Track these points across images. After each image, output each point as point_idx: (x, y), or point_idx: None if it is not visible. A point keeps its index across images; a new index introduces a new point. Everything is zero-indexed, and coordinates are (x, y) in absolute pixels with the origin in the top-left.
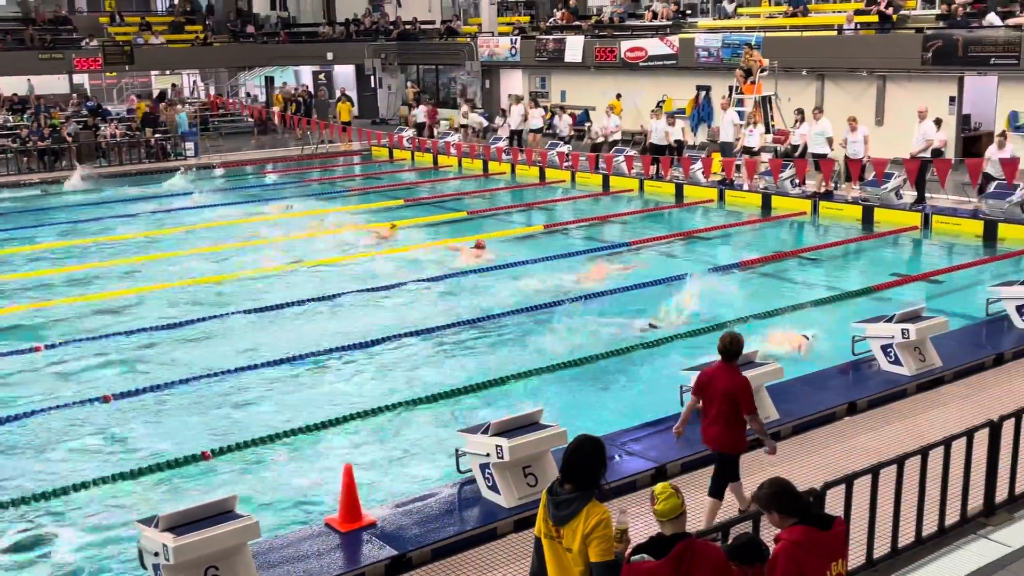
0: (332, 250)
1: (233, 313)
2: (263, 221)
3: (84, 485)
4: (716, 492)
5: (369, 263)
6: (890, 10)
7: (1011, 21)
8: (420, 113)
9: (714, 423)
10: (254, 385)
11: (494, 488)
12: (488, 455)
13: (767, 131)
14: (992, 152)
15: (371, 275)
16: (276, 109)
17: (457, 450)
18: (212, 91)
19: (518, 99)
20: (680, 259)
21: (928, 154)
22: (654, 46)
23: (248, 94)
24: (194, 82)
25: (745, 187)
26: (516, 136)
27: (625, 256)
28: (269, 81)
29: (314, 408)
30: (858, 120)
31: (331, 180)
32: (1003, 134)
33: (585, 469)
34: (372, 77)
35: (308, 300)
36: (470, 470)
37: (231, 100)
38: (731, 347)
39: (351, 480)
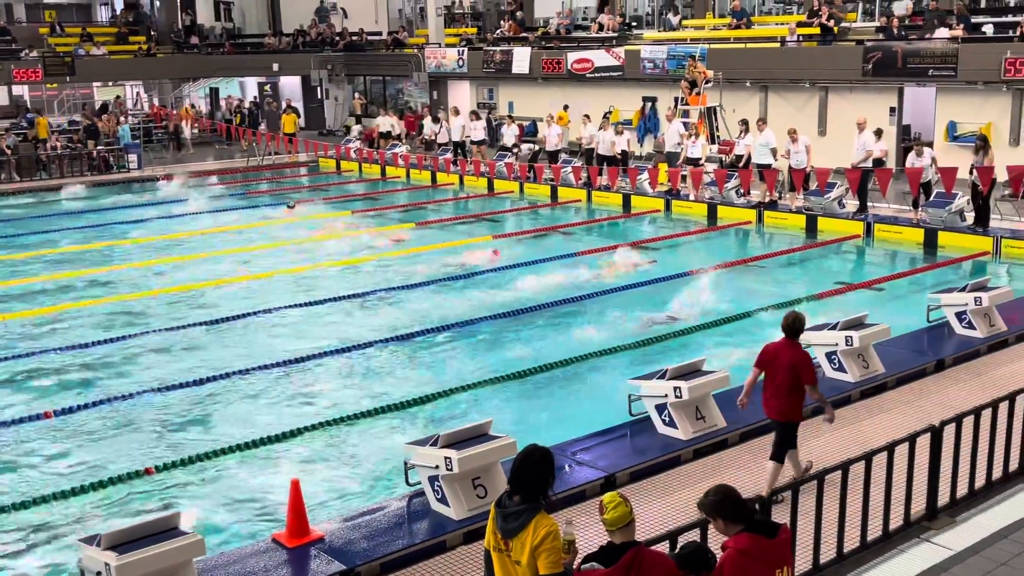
0: (279, 262)
1: (183, 327)
2: (210, 233)
3: (24, 504)
4: (778, 457)
5: (318, 275)
6: (831, 23)
7: (948, 33)
8: (385, 123)
9: (776, 394)
10: (200, 398)
11: (443, 500)
12: (437, 467)
13: (712, 142)
14: (912, 160)
15: (319, 287)
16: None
17: (406, 462)
18: (156, 102)
19: (456, 111)
20: (629, 268)
21: (869, 164)
22: (600, 58)
23: (192, 105)
24: (137, 93)
25: (691, 197)
26: (459, 147)
27: (574, 266)
28: (214, 92)
29: (261, 421)
30: (799, 131)
31: (278, 192)
32: (918, 144)
33: (534, 480)
34: (319, 88)
35: (257, 312)
36: (419, 482)
37: (175, 112)
38: (794, 325)
39: (298, 495)
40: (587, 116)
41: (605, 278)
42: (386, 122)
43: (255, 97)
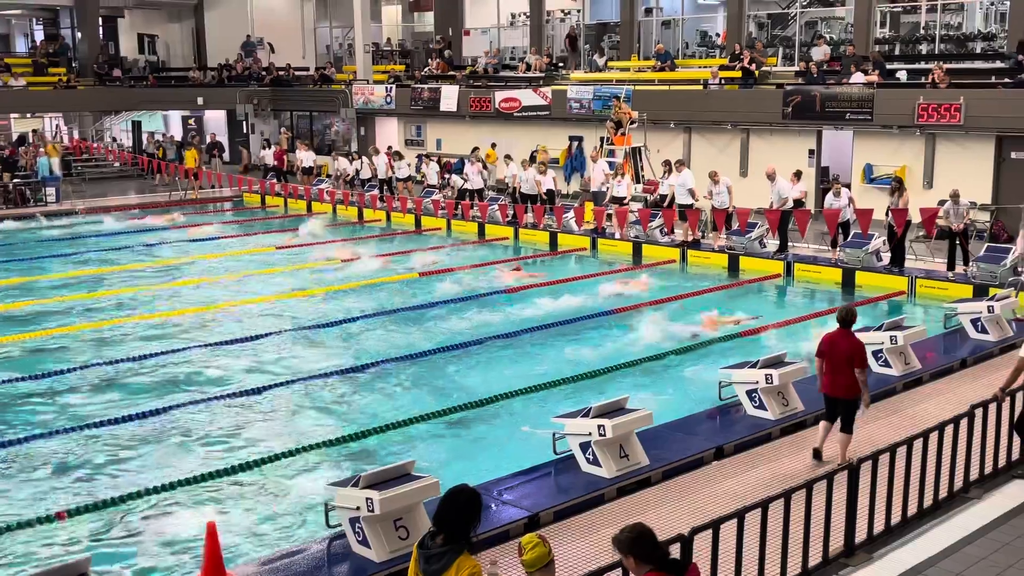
0: (200, 298)
1: (92, 365)
2: (132, 269)
3: None
4: (847, 428)
5: (239, 312)
6: (752, 66)
7: (864, 79)
8: (308, 158)
9: (838, 376)
10: (117, 438)
11: (364, 542)
12: (358, 508)
13: (637, 181)
14: (830, 200)
15: (240, 324)
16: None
17: (327, 504)
18: (76, 135)
19: (376, 150)
20: (555, 307)
21: (790, 204)
22: (528, 97)
23: (114, 139)
24: (56, 126)
25: (617, 236)
26: (386, 184)
27: (502, 304)
28: (136, 126)
29: (177, 463)
30: (720, 172)
31: (201, 225)
32: (837, 183)
33: (458, 521)
34: (244, 123)
35: (177, 349)
36: (340, 524)
37: (96, 144)
38: (848, 317)
39: (215, 539)
40: (508, 156)
41: (530, 315)
42: (308, 157)
43: (166, 135)
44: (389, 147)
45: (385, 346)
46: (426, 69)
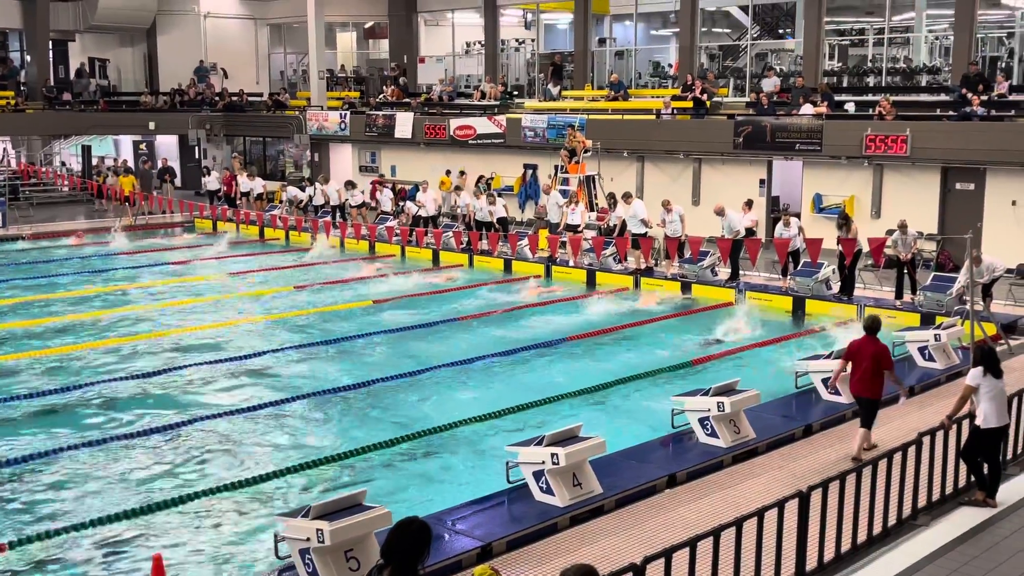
0: (149, 325)
1: (36, 395)
2: (82, 295)
3: None
4: (867, 424)
5: (188, 339)
6: (704, 96)
7: (813, 110)
8: (258, 185)
9: (863, 378)
10: (58, 468)
11: (314, 574)
12: (308, 539)
13: (591, 209)
14: (780, 230)
15: (187, 351)
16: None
17: (276, 535)
18: (23, 159)
19: (325, 179)
20: (508, 334)
21: (741, 233)
22: (483, 125)
23: (63, 163)
24: (3, 149)
25: (570, 263)
26: (339, 210)
27: (454, 331)
28: (86, 150)
29: (123, 494)
30: (673, 201)
31: (151, 251)
32: (787, 214)
33: (407, 552)
34: (196, 148)
35: (127, 377)
36: (289, 556)
37: (44, 169)
38: (874, 324)
39: (161, 571)
40: (458, 188)
41: (485, 343)
42: (255, 184)
43: (104, 160)
44: (348, 181)
45: (336, 374)
46: (381, 96)
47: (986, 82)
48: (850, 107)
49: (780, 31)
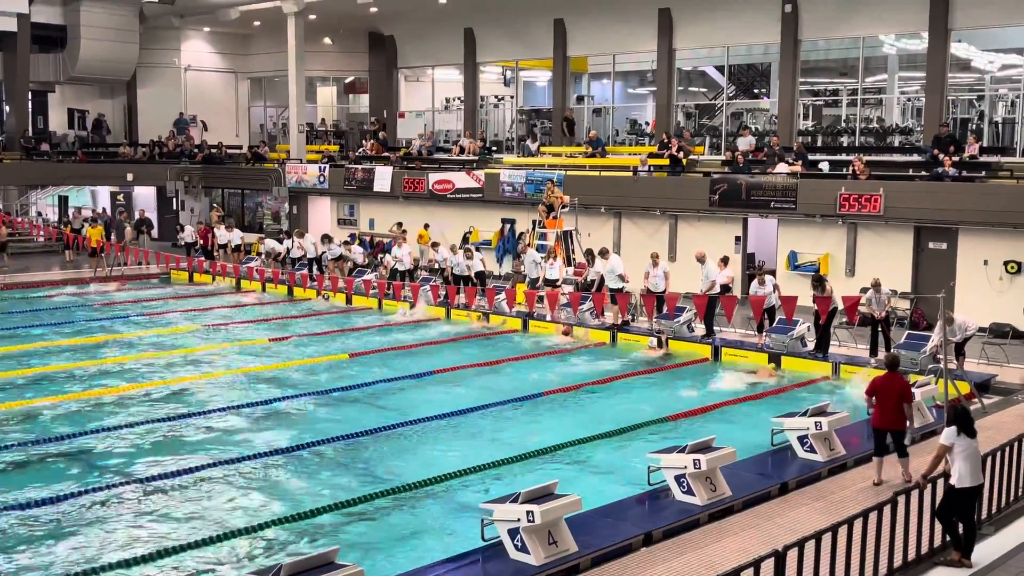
0: (123, 378)
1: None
2: (52, 346)
3: None
4: (903, 452)
5: (162, 391)
6: (680, 154)
7: (787, 169)
8: (236, 236)
9: (888, 412)
10: (30, 522)
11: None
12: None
13: (568, 264)
14: (755, 288)
15: (162, 404)
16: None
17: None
18: None
19: (301, 233)
20: (485, 388)
21: (717, 290)
22: (461, 179)
23: (39, 213)
24: None
25: (548, 318)
26: (315, 263)
27: (433, 385)
28: (63, 200)
29: (88, 550)
30: (660, 256)
31: (128, 303)
32: (760, 272)
33: None
34: (174, 199)
35: (88, 432)
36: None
37: (20, 219)
38: (894, 361)
39: None
40: (435, 244)
41: (462, 397)
42: (232, 236)
43: (91, 210)
44: (324, 235)
45: (310, 427)
46: (360, 150)
47: (957, 143)
48: (824, 166)
49: (755, 91)
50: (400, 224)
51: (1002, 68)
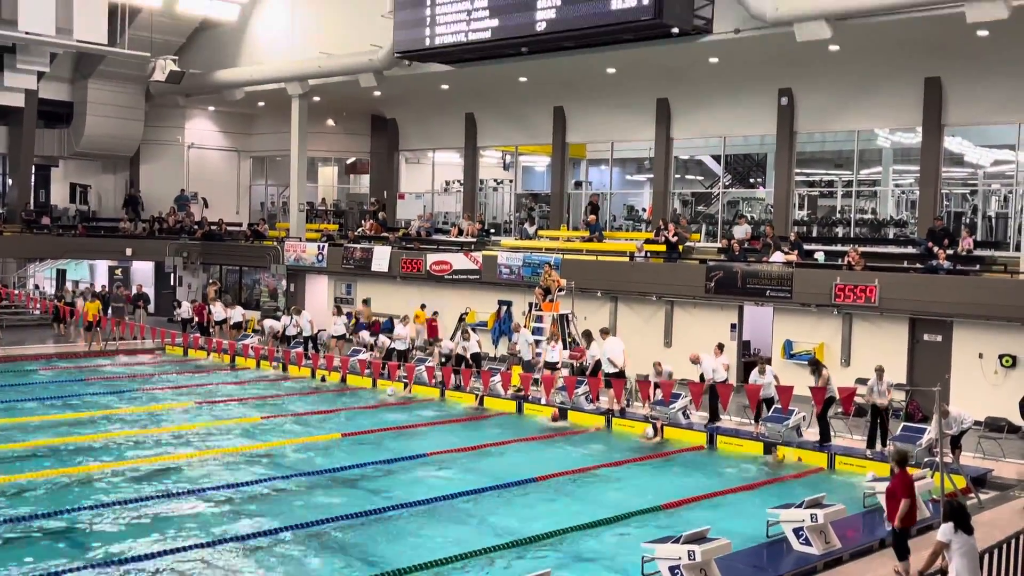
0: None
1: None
2: (39, 420)
3: None
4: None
5: (147, 469)
6: (676, 239)
7: (783, 258)
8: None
9: (911, 510)
10: None
11: None
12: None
13: (564, 347)
14: (755, 377)
15: (145, 483)
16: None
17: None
18: None
19: (298, 310)
20: (478, 471)
21: (724, 377)
22: (459, 261)
23: (36, 286)
24: None
25: (543, 401)
26: (311, 341)
27: (425, 467)
28: (60, 274)
29: None
30: (663, 363)
31: (120, 378)
32: (761, 362)
33: None
34: (172, 275)
35: (74, 508)
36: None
37: (17, 292)
38: (904, 458)
39: None
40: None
41: (456, 480)
42: (234, 312)
43: (88, 284)
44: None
45: (300, 509)
46: (359, 229)
47: (951, 237)
48: (819, 256)
49: (751, 180)
50: (367, 301)
51: (994, 163)
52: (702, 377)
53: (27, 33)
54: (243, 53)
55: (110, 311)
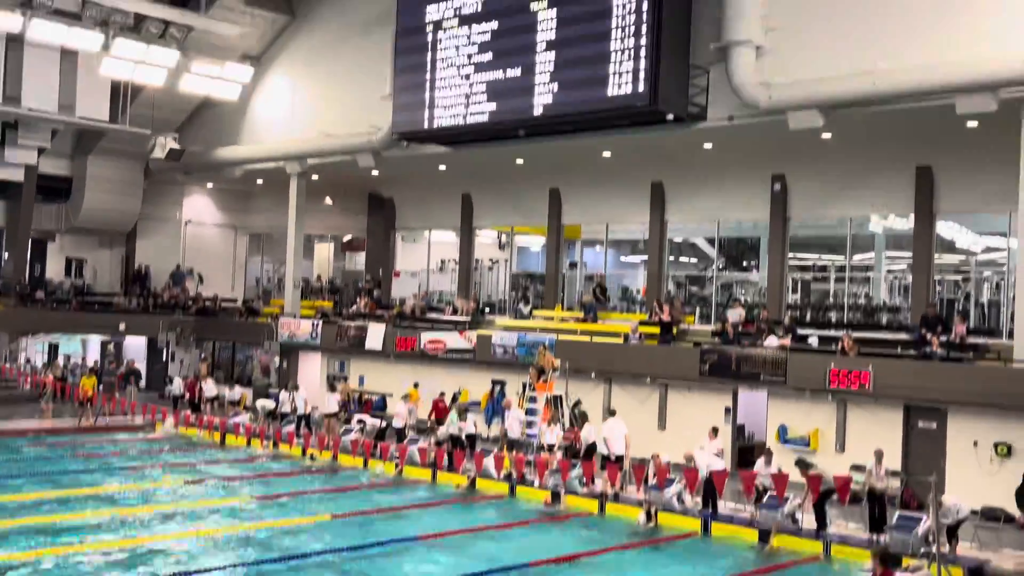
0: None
1: None
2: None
3: None
4: None
5: (131, 551)
6: (670, 319)
7: (777, 342)
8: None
9: None
10: None
11: None
12: None
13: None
14: (760, 467)
15: (130, 566)
16: (51, 378)
17: None
18: None
19: (295, 386)
20: (470, 555)
21: (721, 466)
22: (453, 339)
23: (28, 359)
24: None
25: (536, 484)
26: (304, 420)
27: (416, 551)
28: (53, 348)
29: None
30: (660, 455)
31: (109, 456)
32: (768, 451)
33: None
34: (164, 351)
35: None
36: None
37: (7, 366)
38: (885, 556)
39: None
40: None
41: (446, 565)
42: (237, 392)
43: (82, 357)
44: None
45: None
46: (354, 307)
47: (944, 323)
48: (813, 341)
49: (745, 264)
50: (345, 379)
51: (986, 250)
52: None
53: (30, 109)
54: (243, 131)
55: (101, 386)
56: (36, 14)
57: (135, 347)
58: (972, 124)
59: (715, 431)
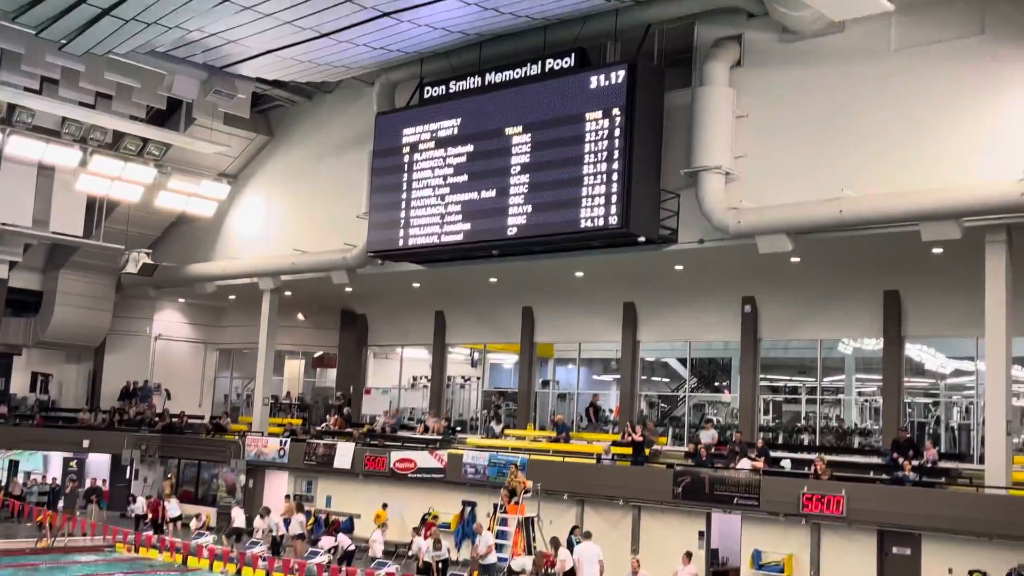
0: None
1: None
2: None
3: None
4: None
5: None
6: (642, 439)
7: (750, 464)
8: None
9: None
10: None
11: None
12: None
13: (528, 552)
14: None
15: None
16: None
17: None
18: None
19: (267, 510)
20: None
21: None
22: (423, 459)
23: None
24: None
25: None
26: (277, 542)
27: None
28: (13, 465)
29: None
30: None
31: None
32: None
33: None
34: (128, 468)
35: None
36: None
37: None
38: None
39: None
40: (416, 529)
41: None
42: (202, 513)
43: (41, 475)
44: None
45: None
46: (323, 424)
47: (916, 448)
48: (786, 463)
49: (716, 384)
50: (297, 497)
51: (955, 373)
52: None
53: (4, 224)
54: (217, 247)
55: (61, 505)
56: (15, 131)
57: (98, 464)
58: (938, 251)
59: (688, 556)
